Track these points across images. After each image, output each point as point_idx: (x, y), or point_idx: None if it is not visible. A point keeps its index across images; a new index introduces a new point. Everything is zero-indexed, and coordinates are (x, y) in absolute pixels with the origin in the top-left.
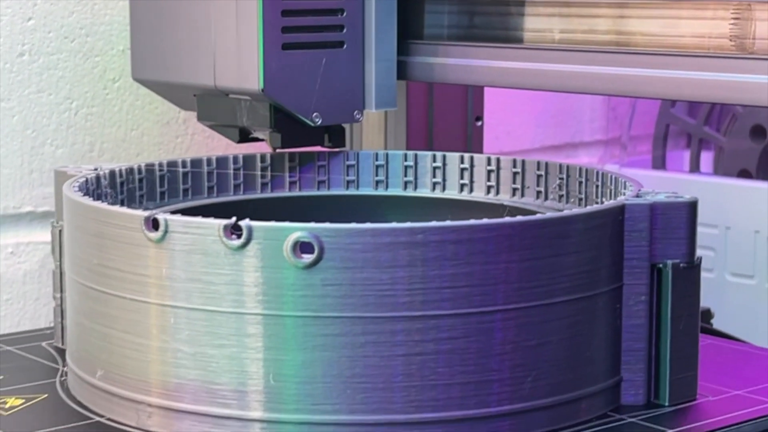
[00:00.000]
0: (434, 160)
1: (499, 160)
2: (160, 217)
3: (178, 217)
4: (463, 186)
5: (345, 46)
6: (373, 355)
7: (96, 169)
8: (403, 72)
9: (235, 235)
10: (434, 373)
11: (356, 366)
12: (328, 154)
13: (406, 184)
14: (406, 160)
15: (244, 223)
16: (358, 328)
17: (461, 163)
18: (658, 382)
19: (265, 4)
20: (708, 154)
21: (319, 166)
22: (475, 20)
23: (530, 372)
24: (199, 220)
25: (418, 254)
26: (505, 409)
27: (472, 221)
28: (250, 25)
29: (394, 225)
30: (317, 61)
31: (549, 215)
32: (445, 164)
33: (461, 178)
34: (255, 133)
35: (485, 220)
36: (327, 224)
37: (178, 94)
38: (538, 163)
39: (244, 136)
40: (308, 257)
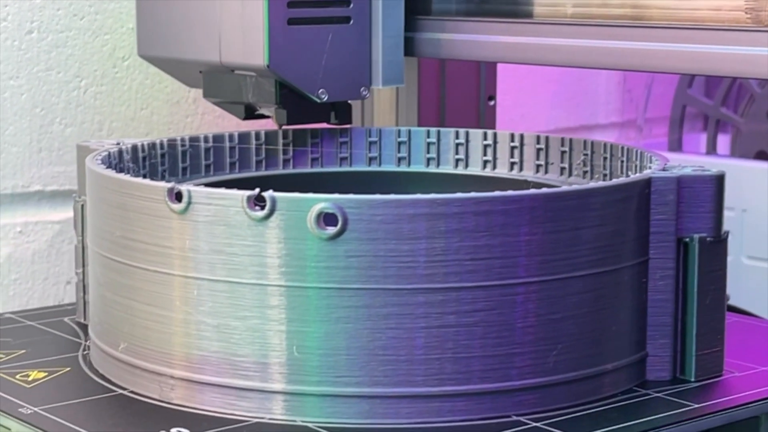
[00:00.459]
0: (457, 137)
1: (522, 137)
2: (183, 189)
3: (201, 189)
4: (486, 162)
5: (351, 22)
6: (396, 327)
7: (118, 144)
8: (411, 48)
9: (258, 207)
10: (457, 346)
11: (379, 338)
12: (351, 131)
13: (429, 160)
14: (429, 137)
15: (268, 194)
16: (381, 300)
17: (484, 139)
18: (684, 358)
19: None
20: (724, 137)
21: (341, 143)
22: None
23: (554, 345)
24: (222, 191)
25: (440, 226)
26: (528, 383)
27: (495, 193)
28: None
29: (419, 196)
30: (323, 36)
31: (570, 187)
32: (468, 141)
33: (484, 154)
34: (261, 110)
35: (507, 192)
36: (351, 195)
37: (184, 71)
38: (562, 140)
39: (250, 112)
40: (332, 229)
